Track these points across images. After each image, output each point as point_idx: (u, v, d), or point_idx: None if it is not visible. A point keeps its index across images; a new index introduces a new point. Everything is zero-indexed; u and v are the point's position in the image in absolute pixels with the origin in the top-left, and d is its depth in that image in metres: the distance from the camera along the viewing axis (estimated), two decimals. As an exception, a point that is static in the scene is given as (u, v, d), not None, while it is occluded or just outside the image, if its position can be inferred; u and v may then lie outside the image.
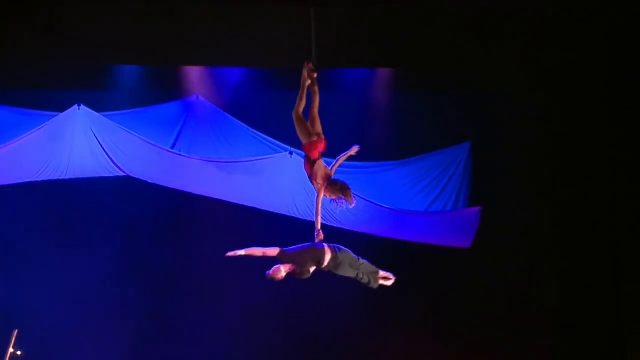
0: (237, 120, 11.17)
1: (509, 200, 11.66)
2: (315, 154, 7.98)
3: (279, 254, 7.61)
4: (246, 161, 10.90)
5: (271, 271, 7.55)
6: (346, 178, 11.02)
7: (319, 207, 7.84)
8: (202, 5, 10.78)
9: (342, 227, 11.05)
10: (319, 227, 7.82)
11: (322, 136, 8.08)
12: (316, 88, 8.21)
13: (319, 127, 8.12)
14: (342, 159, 8.12)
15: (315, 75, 8.26)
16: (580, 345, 11.27)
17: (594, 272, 11.31)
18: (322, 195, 7.88)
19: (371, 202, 11.06)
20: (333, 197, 7.86)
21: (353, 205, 7.87)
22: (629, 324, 11.03)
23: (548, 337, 11.54)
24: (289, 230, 8.66)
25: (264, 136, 11.13)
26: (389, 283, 8.05)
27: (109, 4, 10.67)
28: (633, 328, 10.99)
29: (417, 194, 11.38)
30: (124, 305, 11.58)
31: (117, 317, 11.50)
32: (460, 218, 11.24)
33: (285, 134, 10.87)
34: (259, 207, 10.76)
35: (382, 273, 7.98)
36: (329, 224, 11.06)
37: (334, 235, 10.26)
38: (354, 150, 8.12)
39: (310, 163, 7.98)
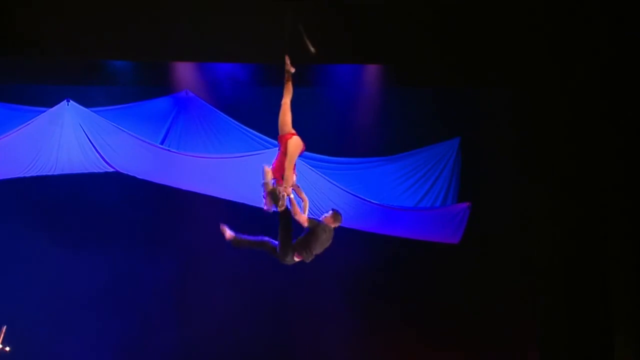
0: (227, 116, 11.16)
1: (498, 196, 11.70)
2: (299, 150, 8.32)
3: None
4: (235, 157, 10.88)
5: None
6: (335, 174, 11.15)
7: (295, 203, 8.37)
8: (191, 1, 10.76)
9: (331, 222, 11.05)
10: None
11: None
12: (289, 84, 8.44)
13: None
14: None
15: (292, 70, 8.45)
16: (569, 342, 11.30)
17: (582, 268, 11.34)
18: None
19: (360, 198, 11.07)
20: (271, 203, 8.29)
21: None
22: (618, 321, 11.06)
23: (536, 332, 11.57)
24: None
25: (253, 132, 11.11)
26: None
27: (98, -1, 10.67)
28: (621, 325, 11.03)
29: (407, 189, 11.40)
30: (112, 300, 11.58)
31: (104, 311, 11.52)
32: (449, 214, 11.26)
33: (275, 130, 10.86)
34: (247, 203, 10.73)
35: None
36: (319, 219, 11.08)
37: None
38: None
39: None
